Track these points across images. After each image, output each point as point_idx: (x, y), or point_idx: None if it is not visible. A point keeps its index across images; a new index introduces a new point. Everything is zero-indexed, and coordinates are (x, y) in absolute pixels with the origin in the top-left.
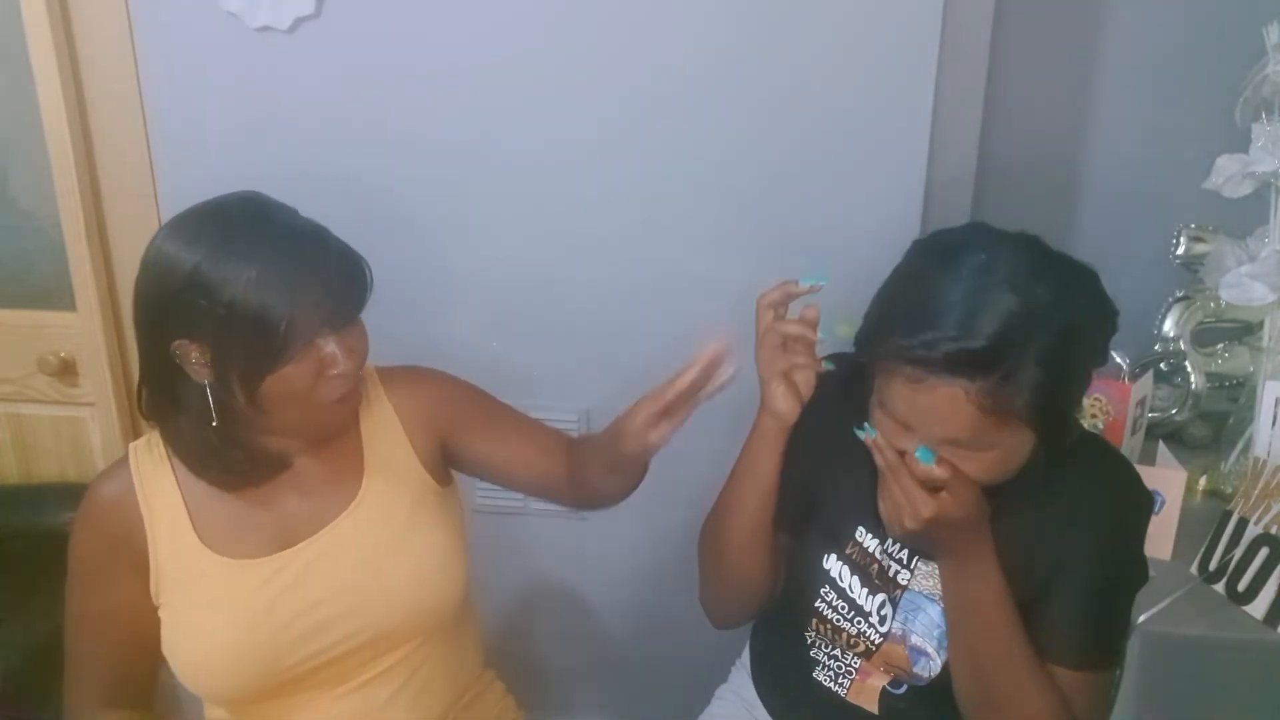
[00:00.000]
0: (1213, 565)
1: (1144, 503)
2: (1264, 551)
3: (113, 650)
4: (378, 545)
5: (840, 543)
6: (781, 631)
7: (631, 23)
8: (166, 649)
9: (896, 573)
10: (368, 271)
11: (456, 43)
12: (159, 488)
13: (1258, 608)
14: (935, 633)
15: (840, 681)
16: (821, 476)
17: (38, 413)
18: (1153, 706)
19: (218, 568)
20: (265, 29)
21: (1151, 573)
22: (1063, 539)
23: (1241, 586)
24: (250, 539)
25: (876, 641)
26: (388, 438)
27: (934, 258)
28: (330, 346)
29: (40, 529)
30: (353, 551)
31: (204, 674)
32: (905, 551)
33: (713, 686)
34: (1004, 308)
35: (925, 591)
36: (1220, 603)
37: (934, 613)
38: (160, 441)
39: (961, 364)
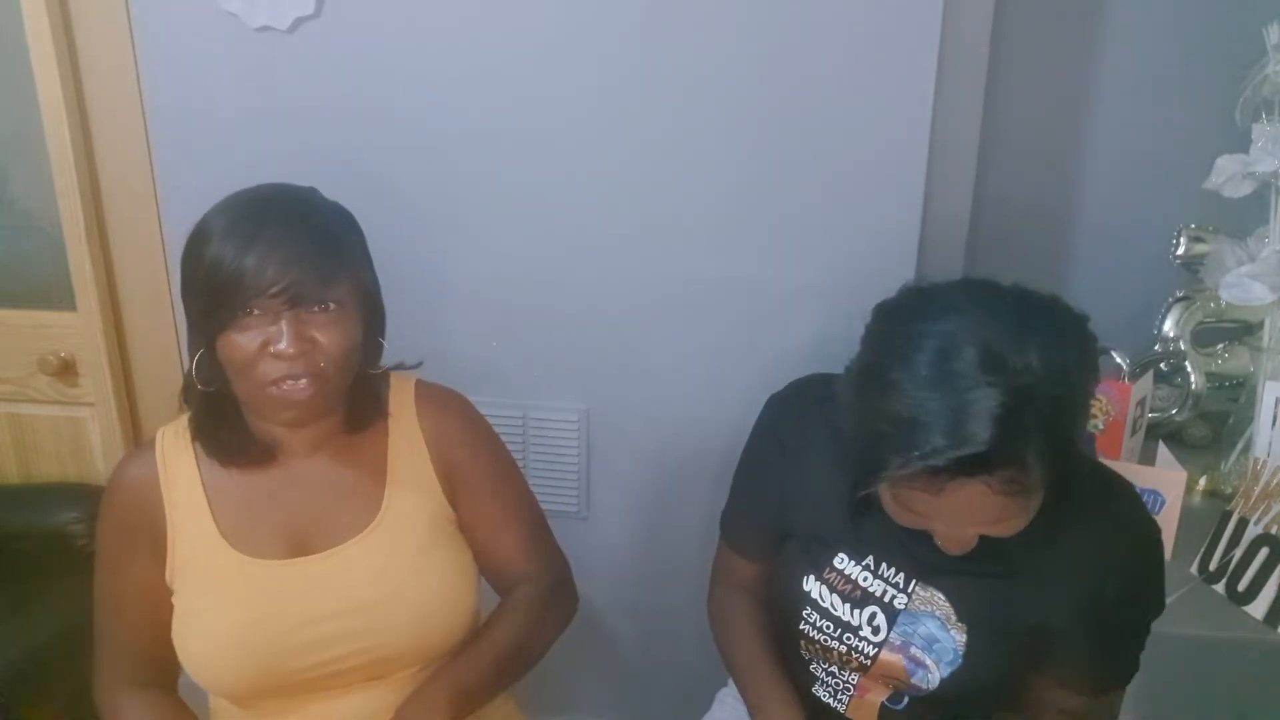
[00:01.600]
0: (1213, 565)
1: (1155, 532)
2: (1264, 551)
3: (136, 632)
4: (392, 571)
5: (819, 567)
6: (778, 647)
7: (631, 24)
8: (175, 636)
9: (893, 597)
10: (342, 260)
11: (456, 43)
12: (181, 474)
13: (1258, 608)
14: (934, 645)
15: (839, 697)
16: (797, 501)
17: (38, 413)
18: (1153, 706)
19: (231, 561)
20: (265, 29)
21: None
22: (1085, 577)
23: (1241, 586)
24: (267, 537)
25: (871, 654)
26: (412, 455)
27: (898, 361)
28: (277, 324)
29: (40, 529)
30: (366, 573)
31: (207, 666)
32: (901, 575)
33: (713, 689)
34: (991, 404)
35: (924, 611)
36: (1220, 603)
37: (932, 626)
38: (186, 428)
39: (974, 466)
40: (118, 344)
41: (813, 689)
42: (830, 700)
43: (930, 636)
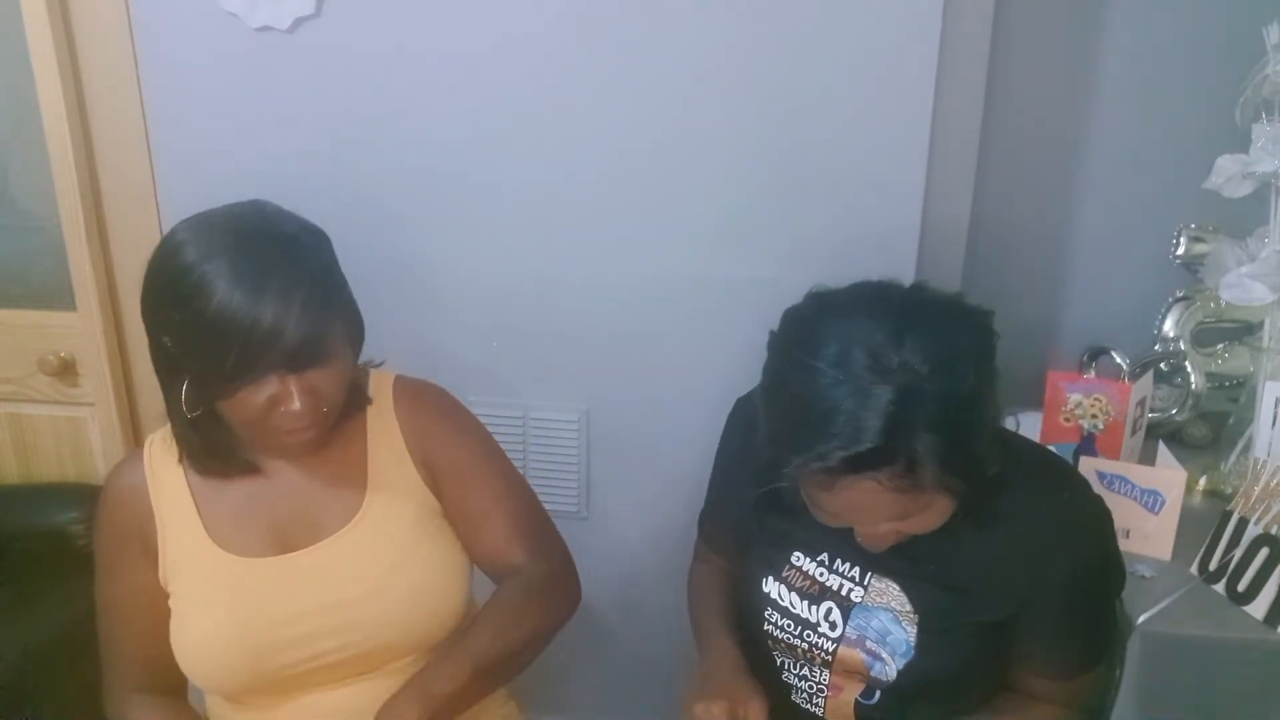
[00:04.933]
0: (1213, 565)
1: (1100, 512)
2: (1264, 552)
3: (139, 637)
4: (375, 565)
5: (777, 567)
6: (756, 659)
7: (631, 25)
8: (171, 636)
9: (850, 590)
10: (341, 318)
11: (457, 42)
12: (169, 479)
13: (1258, 608)
14: (888, 639)
15: (815, 701)
16: (753, 507)
17: (38, 413)
18: (1153, 706)
19: (218, 561)
20: (265, 29)
21: (1151, 573)
22: (1031, 565)
23: (1241, 587)
24: (252, 536)
25: (830, 649)
26: (391, 451)
27: (795, 360)
28: (285, 386)
29: (40, 529)
30: (349, 568)
31: (199, 664)
32: (857, 570)
33: None
34: (881, 401)
35: (878, 604)
36: (1220, 603)
37: (885, 619)
38: (173, 436)
39: (862, 464)
40: (118, 344)
41: (791, 698)
42: (807, 705)
43: (883, 630)
